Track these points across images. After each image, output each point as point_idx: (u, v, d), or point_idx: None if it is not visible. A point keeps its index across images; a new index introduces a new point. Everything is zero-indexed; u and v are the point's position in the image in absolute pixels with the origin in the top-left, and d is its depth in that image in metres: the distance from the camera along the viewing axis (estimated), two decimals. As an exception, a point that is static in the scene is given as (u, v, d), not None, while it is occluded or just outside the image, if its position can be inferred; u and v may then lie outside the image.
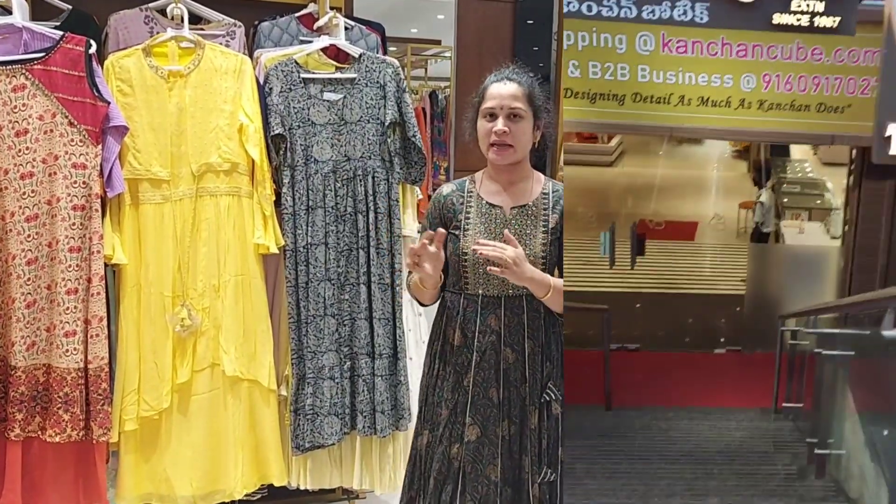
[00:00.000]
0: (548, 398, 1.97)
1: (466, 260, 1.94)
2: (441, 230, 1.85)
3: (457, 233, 1.96)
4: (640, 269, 2.70)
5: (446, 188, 2.03)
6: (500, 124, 1.89)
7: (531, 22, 3.33)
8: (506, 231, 1.86)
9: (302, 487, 2.53)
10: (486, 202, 1.97)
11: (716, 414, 2.57)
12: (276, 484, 2.46)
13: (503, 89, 1.91)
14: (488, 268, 1.80)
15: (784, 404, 2.56)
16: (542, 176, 2.04)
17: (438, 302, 2.06)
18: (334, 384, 2.46)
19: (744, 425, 2.55)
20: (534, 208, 1.97)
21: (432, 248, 1.84)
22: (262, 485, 2.47)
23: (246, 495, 2.43)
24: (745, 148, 2.85)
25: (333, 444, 2.47)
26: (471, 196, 1.99)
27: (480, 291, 1.96)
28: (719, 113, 2.27)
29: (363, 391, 2.48)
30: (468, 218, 1.96)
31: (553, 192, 2.01)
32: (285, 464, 2.47)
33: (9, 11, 2.20)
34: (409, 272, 2.02)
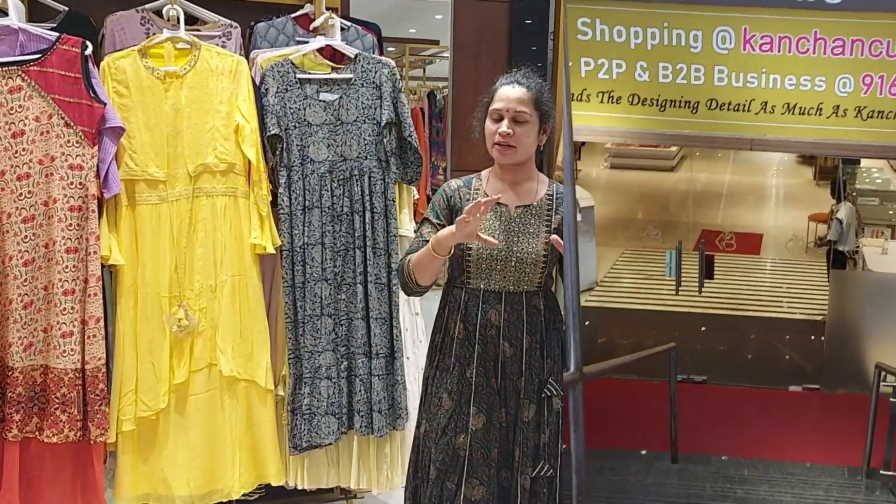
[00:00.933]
0: (549, 393, 2.01)
1: (470, 255, 1.99)
2: (495, 197, 1.86)
3: None
4: (707, 287, 2.56)
5: (454, 182, 2.09)
6: (504, 126, 1.95)
7: (529, 21, 3.32)
8: (554, 237, 1.90)
9: (299, 487, 2.53)
10: None
11: (796, 474, 2.29)
12: (274, 484, 2.46)
13: (511, 92, 1.97)
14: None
15: (883, 472, 2.26)
16: (546, 178, 2.09)
17: (441, 296, 2.09)
18: (331, 384, 2.47)
19: (833, 497, 2.25)
20: (538, 208, 2.03)
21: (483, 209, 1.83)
22: (260, 485, 2.47)
23: (243, 495, 2.43)
24: (812, 154, 2.56)
25: (331, 443, 2.47)
26: (478, 193, 2.04)
27: (482, 286, 2.01)
28: (808, 122, 1.95)
29: (360, 391, 2.48)
30: None
31: (557, 193, 2.05)
32: (283, 463, 2.47)
33: (5, 13, 2.20)
34: (408, 253, 2.02)
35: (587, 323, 3.12)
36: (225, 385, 2.36)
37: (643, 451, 2.52)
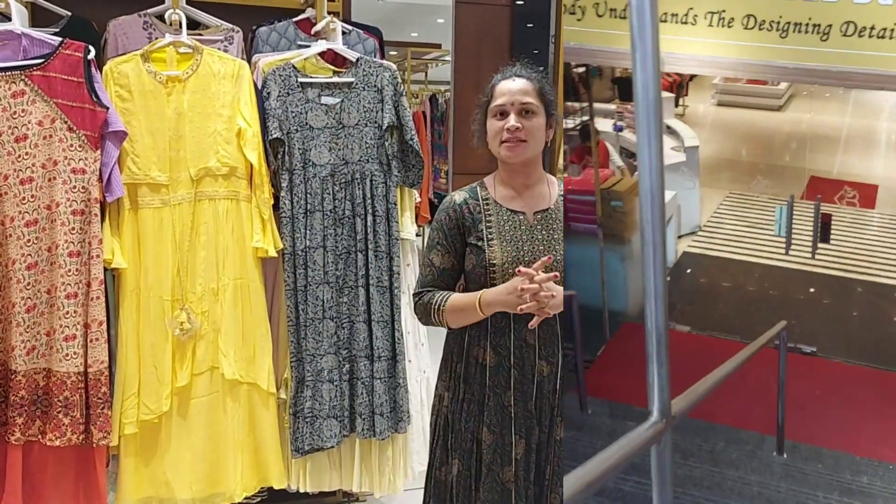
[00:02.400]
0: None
1: (495, 271, 1.80)
2: (525, 269, 1.69)
3: (479, 244, 1.83)
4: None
5: (458, 196, 1.89)
6: (512, 120, 1.78)
7: (531, 25, 3.33)
8: (544, 272, 1.68)
9: (301, 490, 2.53)
10: (507, 209, 1.85)
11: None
12: (276, 487, 2.47)
13: (513, 85, 1.81)
14: (530, 324, 1.69)
15: None
16: (553, 178, 1.93)
17: None
18: (333, 387, 2.47)
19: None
20: (556, 212, 1.87)
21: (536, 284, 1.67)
22: (262, 488, 2.47)
23: (245, 498, 2.44)
24: None
25: (333, 446, 2.47)
26: (487, 203, 1.86)
27: None
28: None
29: (362, 394, 2.48)
30: (490, 227, 1.84)
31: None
32: (285, 467, 2.47)
33: (8, 18, 2.21)
34: (422, 285, 1.88)
35: (688, 271, 2.98)
36: (227, 388, 2.37)
37: (745, 433, 2.24)
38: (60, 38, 2.20)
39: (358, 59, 2.51)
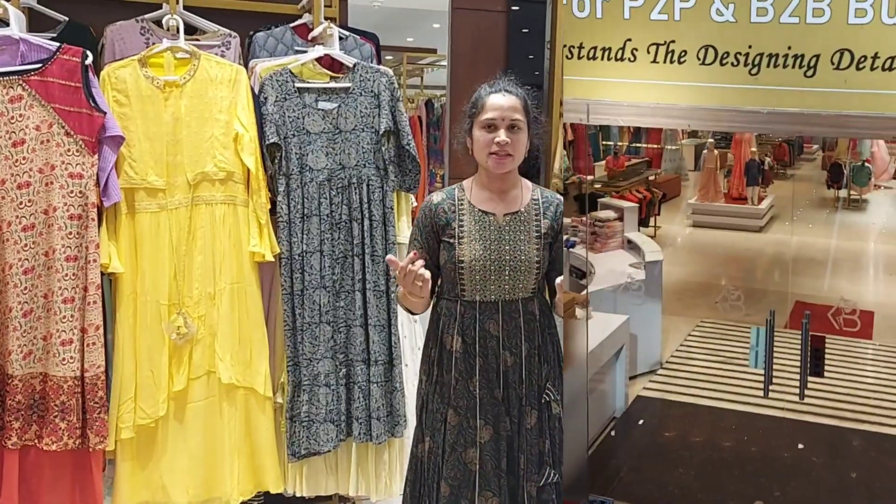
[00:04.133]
0: (547, 398, 2.02)
1: (463, 267, 1.98)
2: (414, 254, 1.86)
3: (451, 241, 2.00)
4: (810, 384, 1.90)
5: (436, 197, 2.06)
6: (502, 135, 1.93)
7: (526, 31, 3.35)
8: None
9: (298, 494, 2.53)
10: (479, 210, 2.02)
11: None
12: (273, 491, 2.47)
13: (503, 101, 1.95)
14: None
15: None
16: (529, 183, 2.08)
17: (431, 308, 2.09)
18: (330, 391, 2.47)
19: None
20: (525, 214, 2.02)
21: (418, 266, 1.83)
22: (259, 492, 2.47)
23: (242, 503, 2.44)
24: None
25: (329, 451, 2.48)
26: (462, 204, 2.03)
27: (478, 298, 2.00)
28: None
29: (359, 398, 2.49)
30: (462, 226, 2.01)
31: (543, 198, 2.06)
32: (281, 471, 2.47)
33: (6, 23, 2.22)
34: (397, 284, 2.03)
35: (640, 422, 2.52)
36: (224, 392, 2.37)
37: None
38: (58, 44, 2.21)
39: (355, 65, 2.52)
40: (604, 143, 3.22)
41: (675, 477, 2.39)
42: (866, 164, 2.58)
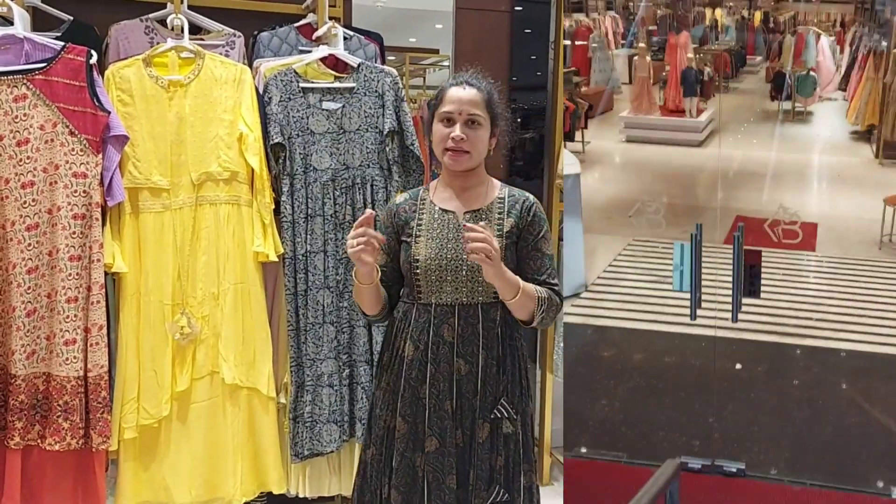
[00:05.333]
0: (498, 415, 1.87)
1: (418, 267, 1.87)
2: (370, 211, 1.77)
3: (409, 240, 1.91)
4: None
5: (399, 197, 1.99)
6: (457, 130, 1.83)
7: (529, 31, 3.34)
8: (483, 223, 1.77)
9: (301, 495, 2.53)
10: (439, 208, 1.92)
11: None
12: (275, 492, 2.46)
13: (462, 94, 1.85)
14: (469, 255, 1.70)
15: None
16: (497, 182, 1.98)
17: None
18: (333, 392, 2.47)
19: None
20: (487, 213, 1.90)
21: (362, 229, 1.73)
22: (261, 492, 2.47)
23: (245, 503, 2.43)
24: (870, 127, 2.17)
25: (332, 451, 2.48)
26: (423, 203, 1.94)
27: (433, 300, 1.87)
28: None
29: (362, 398, 2.49)
30: (420, 224, 1.91)
31: (509, 196, 1.93)
32: (284, 471, 2.47)
33: (10, 22, 2.21)
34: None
35: (561, 347, 2.30)
36: (227, 393, 2.37)
37: None
38: (62, 43, 2.21)
39: (359, 65, 2.51)
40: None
41: (596, 410, 2.25)
42: (811, 72, 2.43)
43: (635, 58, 2.71)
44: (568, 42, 2.95)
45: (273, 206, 2.42)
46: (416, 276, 1.88)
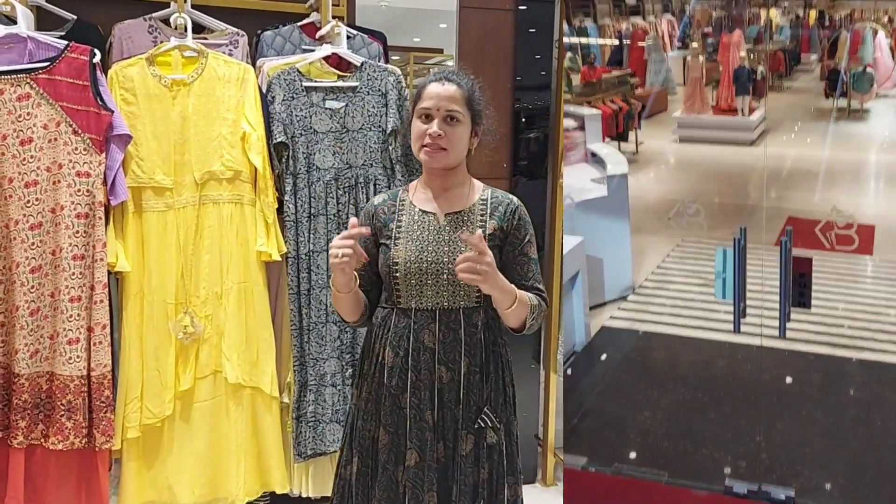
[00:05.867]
0: (482, 425, 1.80)
1: (398, 271, 1.80)
2: (353, 219, 1.71)
3: (388, 243, 1.84)
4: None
5: (378, 198, 1.93)
6: (435, 126, 1.77)
7: (533, 30, 3.33)
8: (478, 231, 1.69)
9: (304, 495, 2.52)
10: (419, 209, 1.85)
11: None
12: (278, 491, 2.46)
13: (441, 90, 1.79)
14: (459, 275, 1.63)
15: None
16: (479, 183, 1.91)
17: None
18: (336, 391, 2.47)
19: None
20: (469, 214, 1.83)
21: (349, 241, 1.67)
22: (265, 492, 2.47)
23: (248, 503, 2.43)
24: None
25: (335, 451, 2.47)
26: (402, 204, 1.87)
27: (413, 305, 1.80)
28: None
29: (365, 398, 2.48)
30: (399, 226, 1.84)
31: (492, 198, 1.87)
32: (287, 471, 2.47)
33: (14, 21, 2.21)
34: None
35: (603, 357, 2.24)
36: (230, 392, 2.37)
37: None
38: (66, 42, 2.21)
39: (362, 64, 2.51)
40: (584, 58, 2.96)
41: (638, 422, 2.11)
42: (868, 69, 2.35)
43: (688, 58, 2.70)
44: (627, 42, 2.94)
45: (276, 206, 2.41)
46: (396, 280, 1.81)
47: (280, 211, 2.44)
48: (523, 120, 3.30)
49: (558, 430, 3.00)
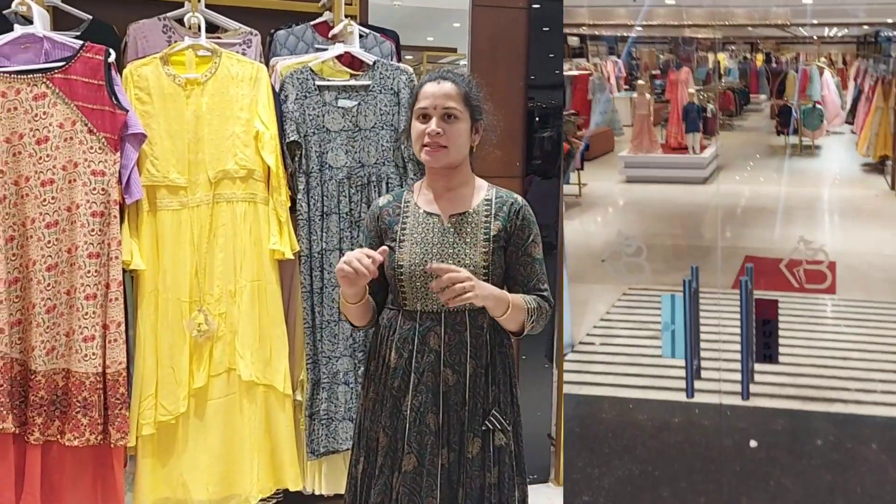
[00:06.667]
0: (490, 426, 1.78)
1: (402, 273, 1.79)
2: (385, 248, 1.70)
3: (392, 245, 1.82)
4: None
5: (382, 199, 1.92)
6: (433, 124, 1.75)
7: (547, 29, 3.32)
8: (430, 265, 1.64)
9: (317, 492, 2.53)
10: (423, 211, 1.83)
11: None
12: (291, 489, 2.47)
13: (436, 88, 1.77)
14: (448, 303, 1.60)
15: None
16: (484, 182, 1.89)
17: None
18: (349, 389, 2.47)
19: None
20: (474, 216, 1.81)
21: (369, 262, 1.64)
22: (278, 490, 2.48)
23: (261, 500, 2.44)
24: (883, 158, 2.13)
25: (348, 449, 2.47)
26: (407, 205, 1.86)
27: (419, 307, 1.79)
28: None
29: (378, 396, 2.48)
30: (404, 228, 1.83)
31: (497, 198, 1.84)
32: (300, 468, 2.47)
33: (30, 21, 2.24)
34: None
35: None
36: (244, 390, 2.38)
37: None
38: (81, 42, 2.23)
39: (375, 63, 2.51)
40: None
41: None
42: (817, 105, 2.37)
43: (635, 97, 2.65)
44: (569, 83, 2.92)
45: (289, 204, 2.42)
46: (401, 283, 1.80)
47: (293, 209, 2.45)
48: (537, 119, 3.29)
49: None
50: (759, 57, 2.55)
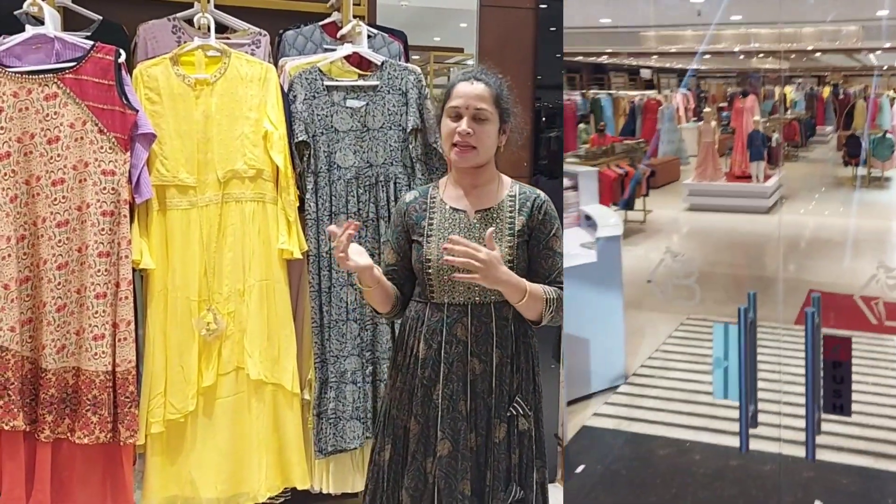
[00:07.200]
0: (514, 412, 1.86)
1: (430, 267, 1.86)
2: (353, 222, 1.78)
3: (420, 240, 1.90)
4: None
5: (409, 195, 1.98)
6: (464, 125, 1.81)
7: (554, 29, 3.32)
8: (490, 230, 1.75)
9: (324, 491, 2.54)
10: (450, 207, 1.90)
11: None
12: (299, 487, 2.48)
13: (470, 89, 1.84)
14: (454, 275, 1.70)
15: None
16: (508, 179, 1.96)
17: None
18: (356, 388, 2.48)
19: None
20: (499, 211, 1.89)
21: (341, 233, 1.74)
22: (285, 488, 2.49)
23: (269, 498, 2.45)
24: None
25: (356, 448, 2.48)
26: (433, 201, 1.92)
27: (446, 300, 1.86)
28: None
29: (385, 396, 2.49)
30: (431, 224, 1.90)
31: (520, 194, 1.91)
32: (308, 467, 2.48)
33: (41, 22, 2.25)
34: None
35: (579, 469, 1.83)
36: (252, 388, 2.39)
37: None
38: (92, 42, 2.24)
39: (383, 63, 2.52)
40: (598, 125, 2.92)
41: None
42: (888, 135, 2.31)
43: (701, 125, 2.67)
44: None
45: (297, 204, 2.43)
46: (429, 276, 1.87)
47: (301, 209, 2.46)
48: (544, 119, 3.29)
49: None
50: (826, 89, 2.56)
